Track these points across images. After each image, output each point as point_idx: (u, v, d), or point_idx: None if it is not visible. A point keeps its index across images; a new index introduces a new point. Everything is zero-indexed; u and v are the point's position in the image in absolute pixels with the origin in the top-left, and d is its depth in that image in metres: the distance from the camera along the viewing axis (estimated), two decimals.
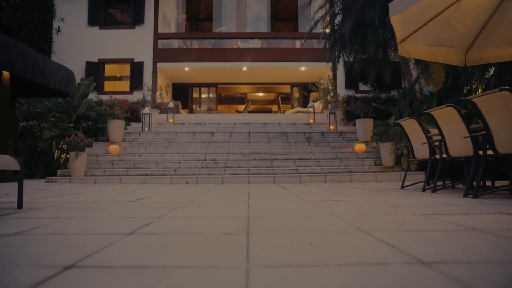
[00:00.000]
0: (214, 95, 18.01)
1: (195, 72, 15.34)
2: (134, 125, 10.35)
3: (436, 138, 4.02)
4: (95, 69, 13.52)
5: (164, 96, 14.33)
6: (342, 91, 13.25)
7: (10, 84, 3.32)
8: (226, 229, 1.66)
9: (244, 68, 14.82)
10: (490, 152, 3.10)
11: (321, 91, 11.24)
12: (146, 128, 9.66)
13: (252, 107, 20.63)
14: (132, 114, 11.15)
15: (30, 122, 8.51)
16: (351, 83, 13.73)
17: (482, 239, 1.37)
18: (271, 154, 8.01)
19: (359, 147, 8.20)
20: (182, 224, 1.83)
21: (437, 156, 4.06)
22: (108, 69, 14.30)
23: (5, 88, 3.16)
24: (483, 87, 9.90)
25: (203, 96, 18.04)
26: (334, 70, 13.14)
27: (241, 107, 19.82)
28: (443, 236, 1.45)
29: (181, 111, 13.90)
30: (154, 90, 12.89)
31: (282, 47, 14.99)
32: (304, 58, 14.24)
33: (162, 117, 11.55)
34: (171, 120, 11.12)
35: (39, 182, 6.74)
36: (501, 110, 2.85)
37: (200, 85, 17.49)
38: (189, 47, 15.30)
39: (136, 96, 12.59)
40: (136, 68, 13.83)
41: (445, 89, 9.59)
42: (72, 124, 8.40)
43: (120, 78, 14.71)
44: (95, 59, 13.70)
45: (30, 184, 5.84)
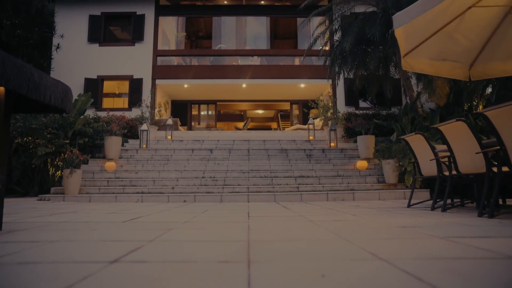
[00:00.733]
0: (213, 112, 17.93)
1: (194, 89, 15.29)
2: (132, 142, 10.19)
3: (444, 154, 3.85)
4: (94, 85, 13.46)
5: (163, 113, 14.22)
6: (342, 108, 13.18)
7: (5, 100, 3.17)
8: (224, 255, 1.47)
9: (244, 85, 14.77)
10: (505, 168, 2.92)
11: (321, 107, 11.14)
12: (144, 145, 9.49)
13: (251, 124, 20.55)
14: (130, 131, 11.02)
15: (25, 139, 8.31)
16: (351, 100, 13.67)
17: None
18: (271, 172, 7.81)
19: (361, 164, 8.01)
20: (174, 249, 1.63)
21: (445, 173, 3.88)
22: (107, 85, 14.25)
23: None
24: (483, 104, 9.84)
25: (202, 113, 17.95)
26: (334, 87, 13.08)
27: (240, 124, 19.75)
28: (478, 266, 1.25)
29: (180, 128, 13.76)
30: (152, 107, 12.78)
31: (282, 64, 14.99)
32: (304, 75, 14.22)
33: (161, 134, 11.39)
34: (169, 137, 10.95)
35: (31, 200, 6.49)
36: None
37: (199, 102, 17.44)
38: (188, 64, 15.29)
39: (134, 112, 12.47)
40: (135, 85, 13.78)
41: (446, 105, 9.52)
42: (68, 141, 8.22)
43: (118, 95, 14.66)
44: (94, 76, 13.66)
45: (20, 203, 5.60)
